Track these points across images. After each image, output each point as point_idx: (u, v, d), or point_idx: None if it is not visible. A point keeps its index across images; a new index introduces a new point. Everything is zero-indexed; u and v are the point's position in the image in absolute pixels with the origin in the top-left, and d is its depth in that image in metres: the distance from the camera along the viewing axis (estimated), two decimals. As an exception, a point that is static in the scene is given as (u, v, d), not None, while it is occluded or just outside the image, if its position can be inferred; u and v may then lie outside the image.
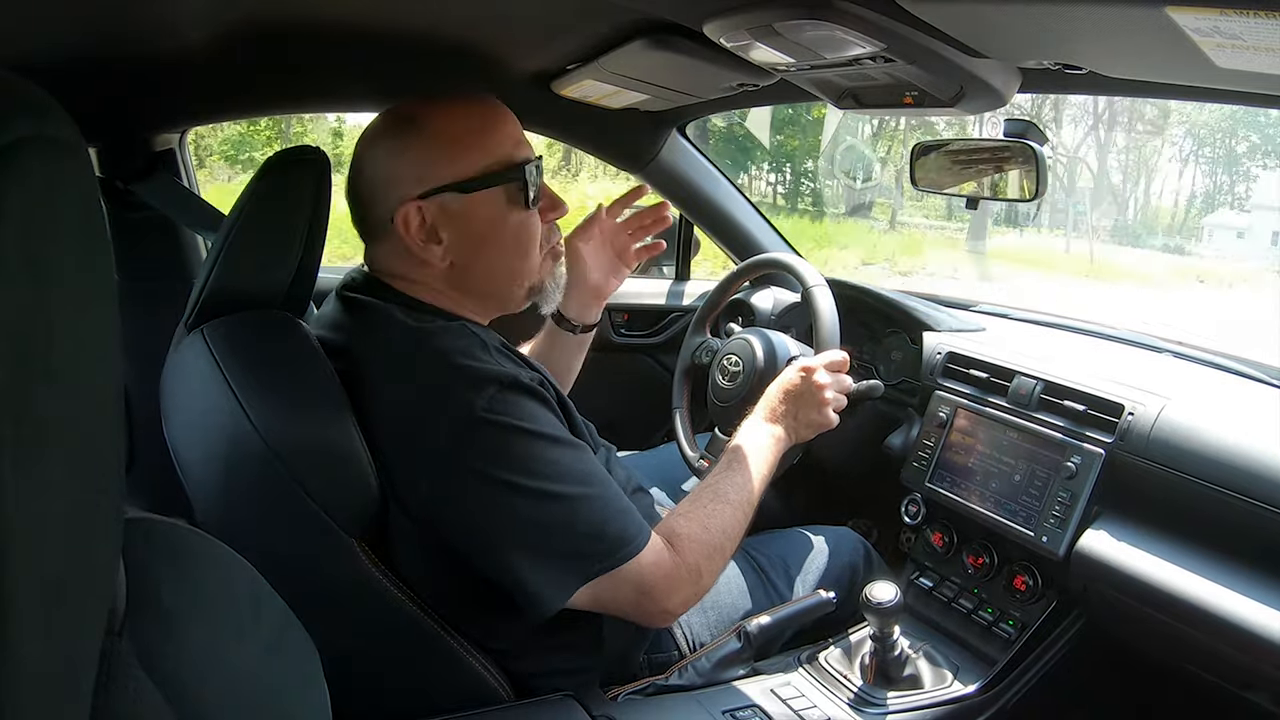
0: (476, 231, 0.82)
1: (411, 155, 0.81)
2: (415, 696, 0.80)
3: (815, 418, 1.03)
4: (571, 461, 0.78)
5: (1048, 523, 1.03)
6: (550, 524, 0.75)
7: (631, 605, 0.81)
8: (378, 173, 0.83)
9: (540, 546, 0.75)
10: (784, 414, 1.03)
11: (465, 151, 0.81)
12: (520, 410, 0.76)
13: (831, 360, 1.06)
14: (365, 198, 0.84)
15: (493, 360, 0.78)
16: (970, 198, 1.17)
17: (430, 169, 0.80)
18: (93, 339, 0.29)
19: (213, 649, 0.43)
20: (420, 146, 0.81)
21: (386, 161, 0.82)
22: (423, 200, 0.80)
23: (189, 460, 0.82)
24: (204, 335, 0.80)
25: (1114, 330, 1.36)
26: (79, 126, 0.27)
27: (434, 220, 0.81)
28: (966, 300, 1.54)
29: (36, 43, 0.90)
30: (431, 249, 0.82)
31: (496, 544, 0.76)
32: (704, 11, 0.81)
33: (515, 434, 0.75)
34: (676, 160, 1.53)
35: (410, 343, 0.79)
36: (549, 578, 0.75)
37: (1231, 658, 0.88)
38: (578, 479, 0.77)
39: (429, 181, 0.80)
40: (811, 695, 0.96)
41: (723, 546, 0.87)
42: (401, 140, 0.82)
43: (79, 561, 0.30)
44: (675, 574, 0.81)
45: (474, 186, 0.81)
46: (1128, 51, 0.75)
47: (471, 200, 0.81)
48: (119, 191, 1.25)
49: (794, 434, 1.03)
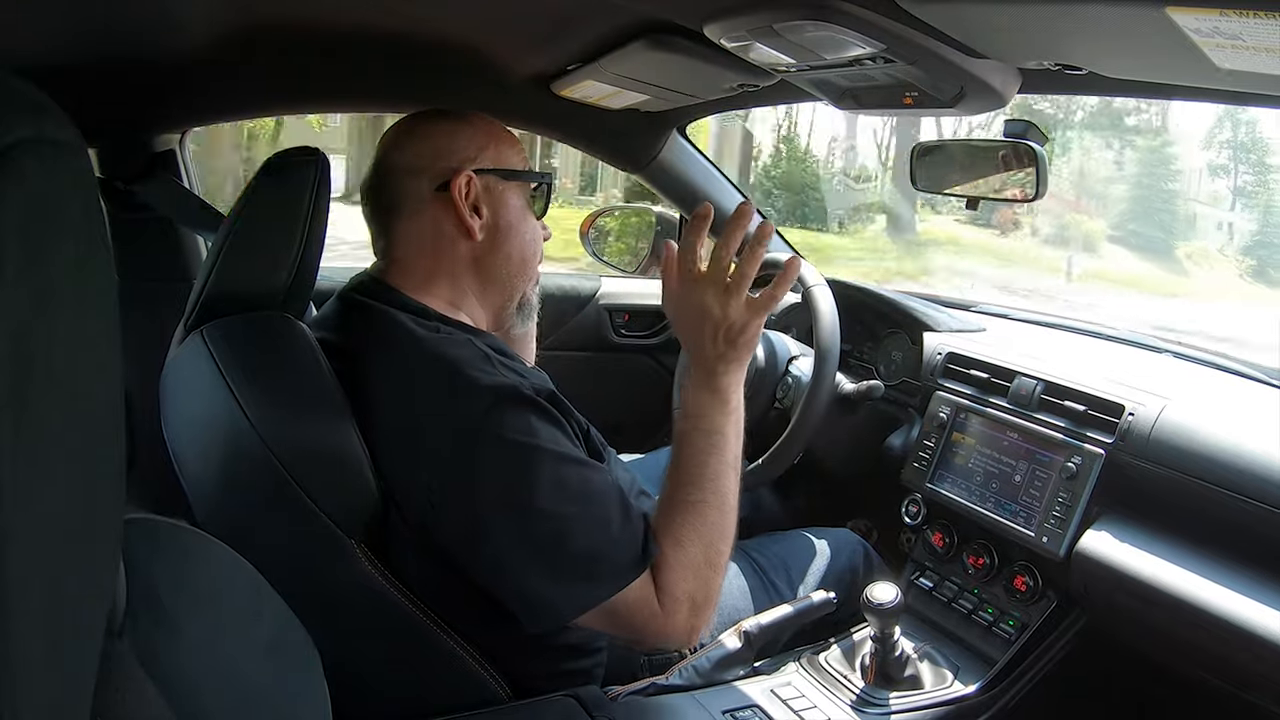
0: (506, 219, 0.88)
1: (463, 135, 0.88)
2: (415, 697, 0.80)
3: (732, 327, 0.82)
4: (568, 478, 0.76)
5: (1048, 523, 1.03)
6: (541, 544, 0.74)
7: (623, 635, 0.80)
8: (424, 147, 0.87)
9: (529, 567, 0.74)
10: (702, 360, 0.83)
11: (507, 147, 0.90)
12: (520, 423, 0.75)
13: (683, 249, 0.84)
14: (406, 171, 0.87)
15: (495, 372, 0.78)
16: (970, 198, 1.17)
17: (484, 151, 0.88)
18: (93, 339, 0.29)
19: (213, 649, 0.43)
20: (472, 131, 0.89)
21: (436, 139, 0.88)
22: (474, 174, 0.86)
23: (188, 461, 0.82)
24: (203, 336, 0.80)
25: (1114, 330, 1.36)
26: (79, 127, 0.27)
27: (478, 195, 0.86)
28: (966, 300, 1.54)
29: (36, 43, 0.90)
30: (474, 220, 0.86)
31: (487, 557, 0.76)
32: (704, 12, 0.81)
33: (512, 448, 0.74)
34: (676, 160, 1.53)
35: (414, 349, 0.79)
36: (537, 598, 0.75)
37: (1232, 658, 0.88)
38: (574, 497, 0.75)
39: (482, 161, 0.87)
40: (812, 695, 0.96)
41: (714, 560, 0.81)
42: (452, 123, 0.89)
43: (79, 561, 0.30)
44: (667, 610, 0.77)
45: (515, 176, 0.89)
46: (1128, 52, 0.75)
47: (508, 188, 0.89)
48: (119, 192, 1.25)
49: (725, 367, 0.83)
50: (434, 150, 0.87)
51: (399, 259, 0.87)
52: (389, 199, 0.87)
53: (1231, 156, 13.46)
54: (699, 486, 0.81)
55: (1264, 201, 13.27)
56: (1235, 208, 13.34)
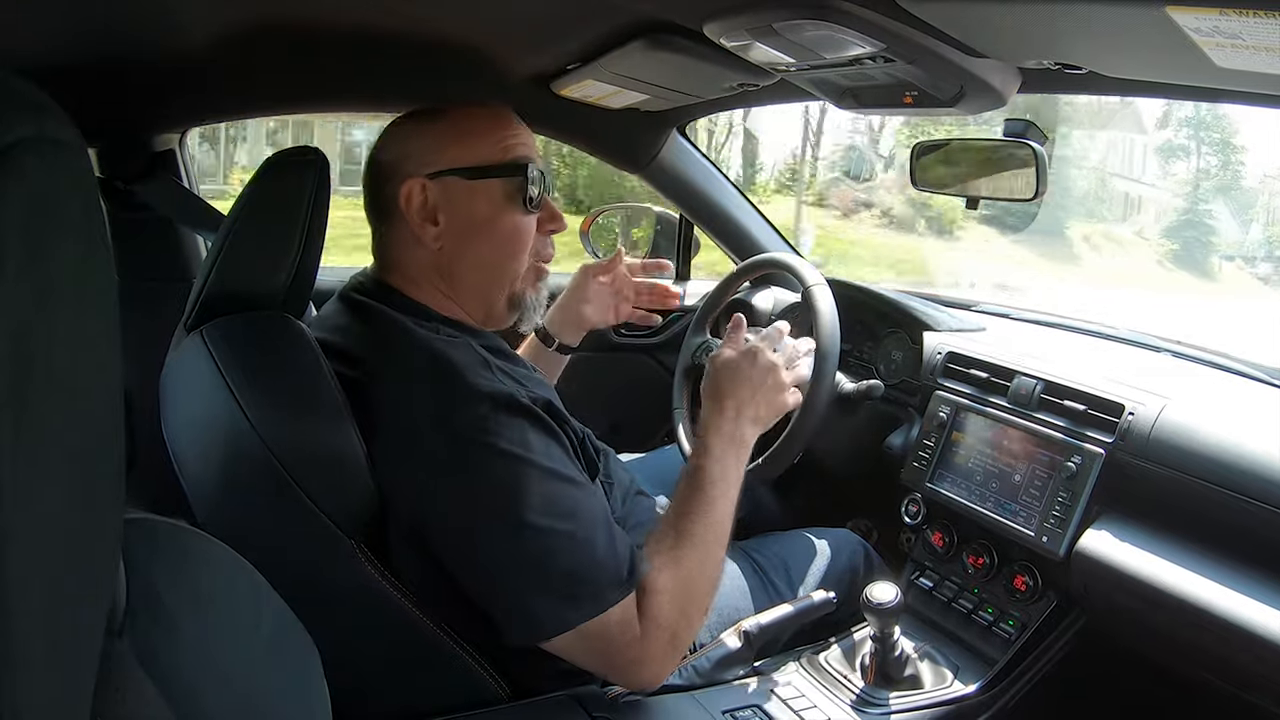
0: (471, 221, 0.85)
1: (426, 137, 0.85)
2: (414, 697, 0.80)
3: (775, 402, 0.97)
4: (558, 495, 0.76)
5: (1048, 523, 1.03)
6: (527, 558, 0.74)
7: (598, 664, 0.79)
8: (392, 153, 0.86)
9: (514, 579, 0.74)
10: (738, 412, 0.93)
11: (476, 141, 0.85)
12: (514, 433, 0.75)
13: (770, 334, 1.00)
14: (378, 177, 0.87)
15: (493, 378, 0.77)
16: (970, 198, 1.17)
17: (441, 152, 0.84)
18: (93, 339, 0.29)
19: (213, 649, 0.43)
20: (435, 131, 0.85)
21: (403, 142, 0.86)
22: (428, 179, 0.83)
23: (188, 461, 0.82)
24: (203, 336, 0.80)
25: (1114, 330, 1.36)
26: (79, 127, 0.27)
27: (435, 201, 0.84)
28: (967, 300, 1.54)
29: (36, 43, 0.90)
30: (427, 229, 0.84)
31: (475, 563, 0.76)
32: (704, 11, 0.81)
33: (504, 458, 0.74)
34: (676, 160, 1.53)
35: (412, 351, 0.79)
36: (520, 611, 0.75)
37: (1232, 658, 0.88)
38: (562, 514, 0.75)
39: (437, 163, 0.84)
40: (812, 695, 0.96)
41: (697, 600, 0.82)
42: (420, 124, 0.87)
43: (79, 561, 0.30)
44: (647, 633, 0.77)
45: (478, 174, 0.84)
46: (1128, 51, 0.75)
47: (473, 188, 0.84)
48: (119, 191, 1.25)
49: (754, 428, 0.95)
50: (400, 154, 0.86)
51: (392, 259, 0.87)
52: (374, 199, 0.88)
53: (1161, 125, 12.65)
54: (701, 523, 0.84)
55: (1195, 179, 12.53)
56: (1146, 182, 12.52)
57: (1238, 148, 12.69)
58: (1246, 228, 12.52)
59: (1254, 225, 12.62)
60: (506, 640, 0.76)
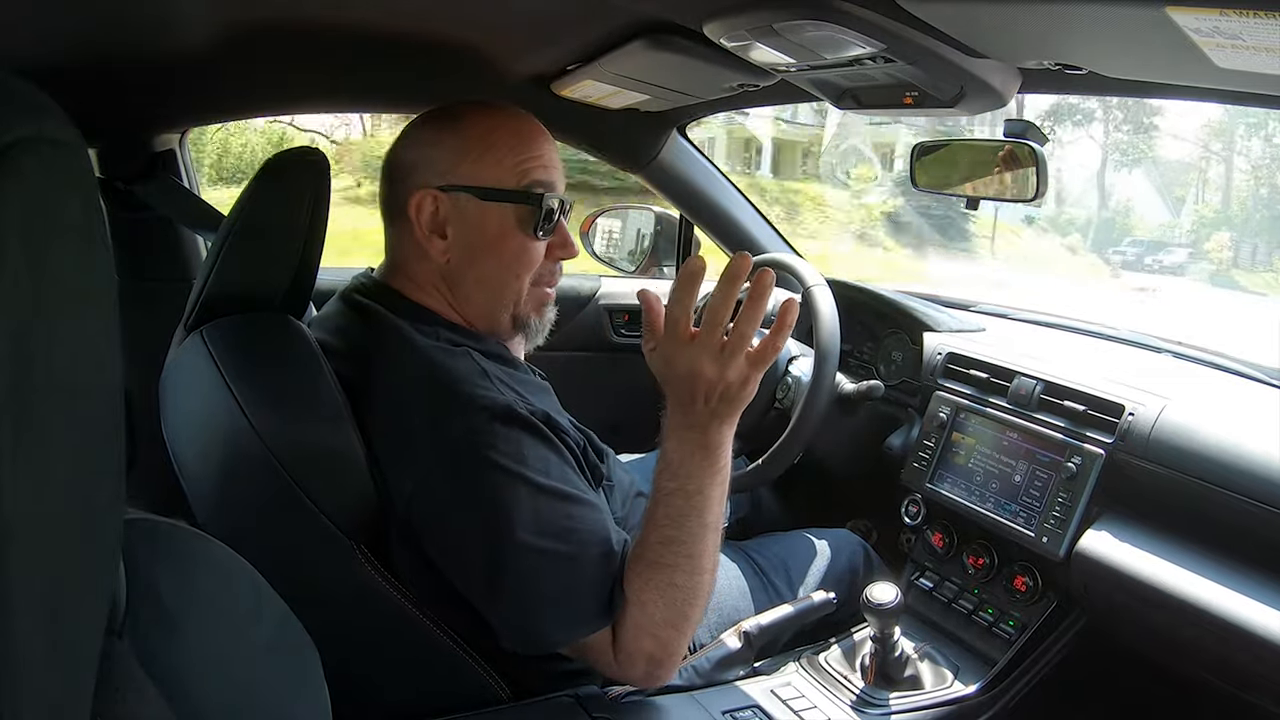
0: (480, 240, 0.83)
1: (444, 147, 0.83)
2: (415, 697, 0.80)
3: (727, 378, 0.74)
4: (549, 513, 0.74)
5: (1048, 523, 1.03)
6: (511, 574, 0.73)
7: (591, 666, 0.81)
8: (409, 155, 0.85)
9: (499, 592, 0.74)
10: (685, 410, 0.75)
11: (495, 161, 0.82)
12: (507, 445, 0.74)
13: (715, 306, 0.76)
14: (393, 177, 0.86)
15: (491, 388, 0.77)
16: (970, 198, 1.18)
17: (456, 166, 0.82)
18: (93, 339, 0.29)
19: (213, 649, 0.43)
20: (454, 142, 0.82)
21: (420, 147, 0.84)
22: (440, 192, 0.82)
23: (188, 461, 0.82)
24: (203, 336, 0.80)
25: (1114, 330, 1.36)
26: (79, 127, 0.27)
27: (446, 215, 0.82)
28: (966, 300, 1.54)
29: (36, 43, 0.90)
30: (435, 241, 0.83)
31: (464, 572, 0.76)
32: (704, 12, 0.81)
33: (498, 471, 0.73)
34: (676, 160, 1.53)
35: (411, 357, 0.79)
36: (505, 621, 0.75)
37: (1232, 658, 0.88)
38: (552, 533, 0.74)
39: (450, 177, 0.82)
40: (812, 696, 0.96)
41: (678, 623, 0.77)
42: (440, 131, 0.84)
43: (79, 561, 0.30)
44: (621, 664, 0.78)
45: (491, 197, 0.82)
46: (1128, 51, 0.75)
47: (484, 209, 0.82)
48: (119, 192, 1.25)
49: (716, 421, 0.75)
50: (414, 160, 0.84)
51: (398, 261, 0.87)
52: (385, 200, 0.87)
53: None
54: (671, 549, 0.75)
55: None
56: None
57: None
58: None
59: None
60: (503, 644, 0.77)
